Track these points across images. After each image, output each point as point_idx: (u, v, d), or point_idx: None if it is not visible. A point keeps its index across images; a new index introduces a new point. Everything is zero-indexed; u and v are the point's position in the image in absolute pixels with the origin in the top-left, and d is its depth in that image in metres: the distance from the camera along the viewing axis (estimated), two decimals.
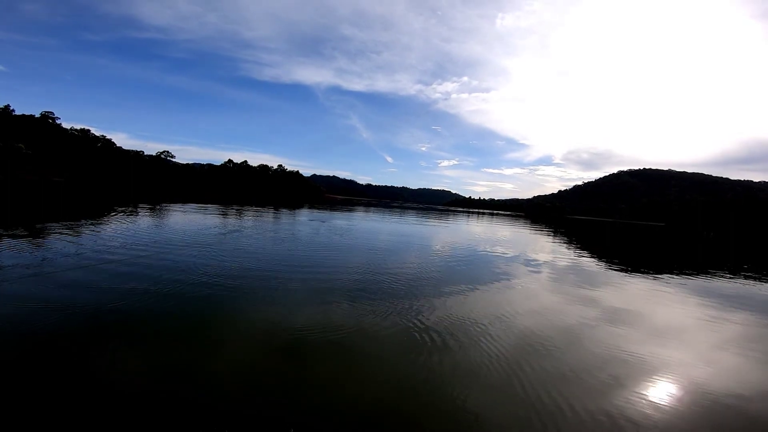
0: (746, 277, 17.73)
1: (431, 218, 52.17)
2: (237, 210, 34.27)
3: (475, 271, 13.61)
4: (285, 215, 34.04)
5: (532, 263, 16.78)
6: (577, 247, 26.73)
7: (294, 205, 56.85)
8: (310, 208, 52.90)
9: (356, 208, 68.99)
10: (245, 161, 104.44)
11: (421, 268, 13.03)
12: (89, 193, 42.40)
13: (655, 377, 5.66)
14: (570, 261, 18.80)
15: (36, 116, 67.89)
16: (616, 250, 29.21)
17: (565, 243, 30.05)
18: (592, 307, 9.51)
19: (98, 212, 22.52)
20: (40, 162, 57.83)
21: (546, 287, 11.92)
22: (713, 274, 17.64)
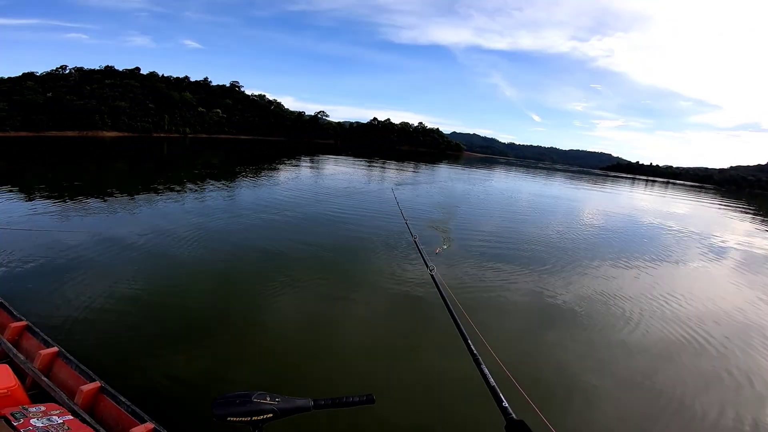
0: None
1: (585, 183, 46.12)
2: (382, 163, 37.55)
3: (632, 245, 12.40)
4: (426, 170, 35.60)
5: (714, 245, 14.06)
6: None
7: (433, 161, 58.06)
8: (449, 165, 53.32)
9: (496, 166, 65.48)
10: (388, 119, 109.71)
11: (564, 236, 12.63)
12: (267, 148, 52.43)
13: None
14: None
15: (226, 85, 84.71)
16: None
17: None
18: None
19: (268, 163, 28.54)
20: (231, 123, 73.59)
21: (724, 276, 10.26)
22: None
